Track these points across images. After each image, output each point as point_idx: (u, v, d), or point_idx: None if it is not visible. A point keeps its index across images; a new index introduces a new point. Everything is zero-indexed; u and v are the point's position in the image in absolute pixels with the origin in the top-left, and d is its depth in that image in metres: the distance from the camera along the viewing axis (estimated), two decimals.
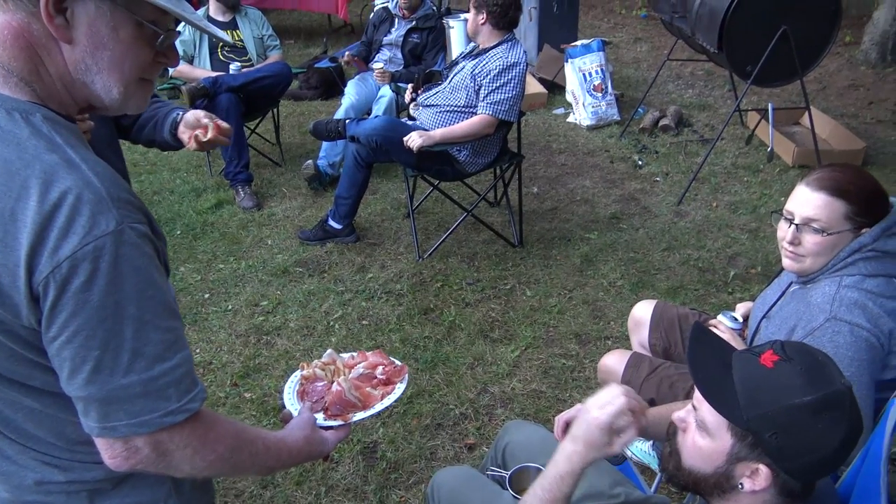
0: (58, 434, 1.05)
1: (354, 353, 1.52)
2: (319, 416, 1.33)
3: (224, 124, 2.03)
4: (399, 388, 1.40)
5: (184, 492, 1.17)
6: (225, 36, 1.14)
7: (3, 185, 0.88)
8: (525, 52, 3.63)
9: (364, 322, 3.33)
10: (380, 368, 1.45)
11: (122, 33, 0.96)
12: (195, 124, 2.01)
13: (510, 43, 3.57)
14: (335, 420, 1.33)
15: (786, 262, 1.76)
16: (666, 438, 1.33)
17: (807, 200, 1.67)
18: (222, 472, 1.11)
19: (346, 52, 4.94)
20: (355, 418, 1.34)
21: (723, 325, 1.96)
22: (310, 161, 4.61)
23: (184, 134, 2.03)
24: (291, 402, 1.38)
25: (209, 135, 1.98)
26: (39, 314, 0.91)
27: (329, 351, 1.52)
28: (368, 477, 2.48)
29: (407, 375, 1.44)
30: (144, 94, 1.05)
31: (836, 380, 1.11)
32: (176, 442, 0.99)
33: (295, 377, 1.45)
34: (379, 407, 1.36)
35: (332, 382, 1.40)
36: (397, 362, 1.48)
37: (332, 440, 1.30)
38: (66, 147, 0.92)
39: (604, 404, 1.27)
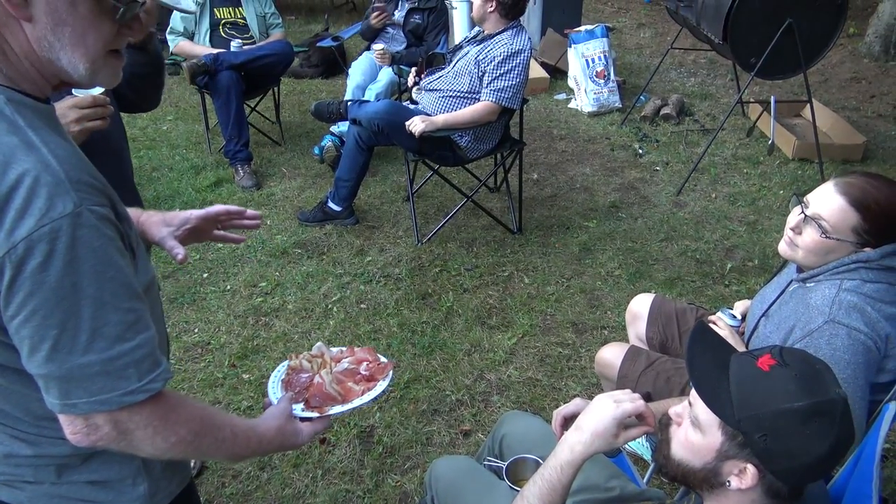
0: (24, 409, 1.06)
1: (344, 348, 1.53)
2: (298, 407, 1.34)
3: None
4: (380, 386, 1.40)
5: (153, 471, 1.18)
6: (189, 6, 1.10)
7: None
8: (530, 38, 3.61)
9: (362, 306, 3.35)
10: (364, 364, 1.46)
11: (81, 8, 0.94)
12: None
13: (515, 30, 3.56)
14: (313, 412, 1.33)
15: (781, 245, 1.80)
16: (659, 430, 1.36)
17: (825, 198, 1.68)
18: (186, 455, 1.11)
19: (374, 13, 4.83)
20: (332, 411, 1.34)
21: (721, 322, 1.97)
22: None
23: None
24: (274, 391, 1.40)
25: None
26: None
27: (318, 344, 1.53)
28: (365, 461, 2.50)
29: (391, 373, 1.44)
30: (114, 68, 1.04)
31: (831, 389, 1.13)
32: (136, 421, 1.01)
33: (282, 367, 1.47)
34: (357, 402, 1.36)
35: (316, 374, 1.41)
36: (383, 359, 1.48)
37: (307, 432, 1.30)
38: (27, 129, 0.93)
39: (621, 399, 1.30)
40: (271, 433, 1.23)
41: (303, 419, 1.32)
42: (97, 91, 1.73)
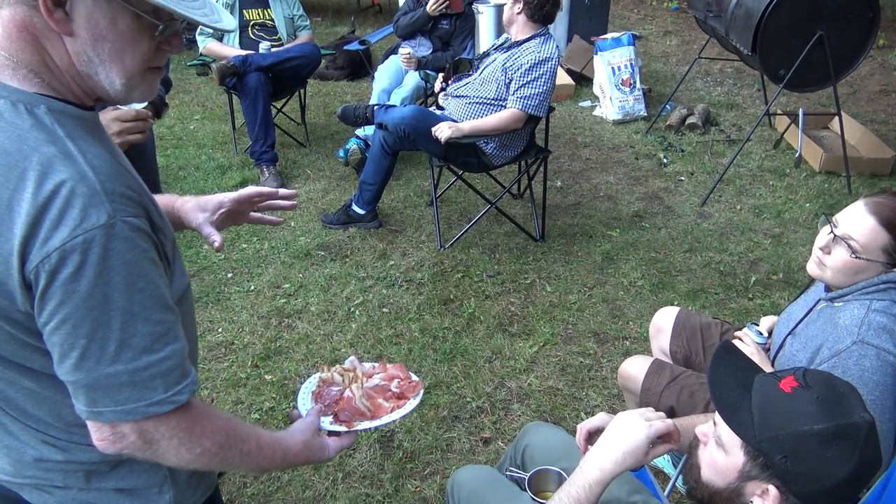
0: (56, 415, 1.08)
1: (376, 364, 1.54)
2: (327, 420, 1.35)
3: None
4: (410, 404, 1.41)
5: (179, 480, 1.20)
6: (229, 26, 1.09)
7: (2, 176, 0.91)
8: (558, 46, 3.61)
9: (384, 310, 3.36)
10: (395, 381, 1.47)
11: (121, 25, 0.96)
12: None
13: (544, 37, 3.56)
14: (341, 426, 1.34)
15: (810, 265, 1.80)
16: (688, 451, 1.37)
17: (855, 218, 1.67)
18: (211, 466, 1.13)
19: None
20: (360, 427, 1.35)
21: (748, 338, 1.96)
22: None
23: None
24: (304, 403, 1.41)
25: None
26: (33, 300, 0.94)
27: (351, 358, 1.54)
28: (385, 465, 2.51)
29: (422, 391, 1.45)
30: (151, 84, 1.05)
31: (855, 412, 1.13)
32: (161, 431, 1.03)
33: (314, 378, 1.48)
34: (386, 419, 1.37)
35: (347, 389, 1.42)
36: (414, 378, 1.49)
37: (334, 447, 1.31)
38: (66, 139, 0.94)
39: (651, 418, 1.31)
40: (297, 447, 1.25)
41: (330, 433, 1.33)
42: (140, 105, 1.76)
